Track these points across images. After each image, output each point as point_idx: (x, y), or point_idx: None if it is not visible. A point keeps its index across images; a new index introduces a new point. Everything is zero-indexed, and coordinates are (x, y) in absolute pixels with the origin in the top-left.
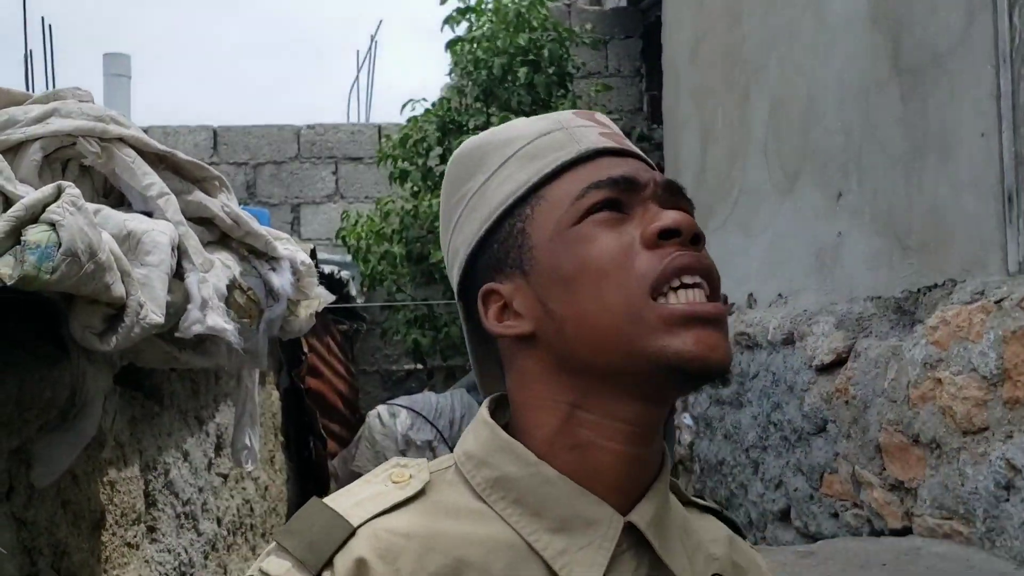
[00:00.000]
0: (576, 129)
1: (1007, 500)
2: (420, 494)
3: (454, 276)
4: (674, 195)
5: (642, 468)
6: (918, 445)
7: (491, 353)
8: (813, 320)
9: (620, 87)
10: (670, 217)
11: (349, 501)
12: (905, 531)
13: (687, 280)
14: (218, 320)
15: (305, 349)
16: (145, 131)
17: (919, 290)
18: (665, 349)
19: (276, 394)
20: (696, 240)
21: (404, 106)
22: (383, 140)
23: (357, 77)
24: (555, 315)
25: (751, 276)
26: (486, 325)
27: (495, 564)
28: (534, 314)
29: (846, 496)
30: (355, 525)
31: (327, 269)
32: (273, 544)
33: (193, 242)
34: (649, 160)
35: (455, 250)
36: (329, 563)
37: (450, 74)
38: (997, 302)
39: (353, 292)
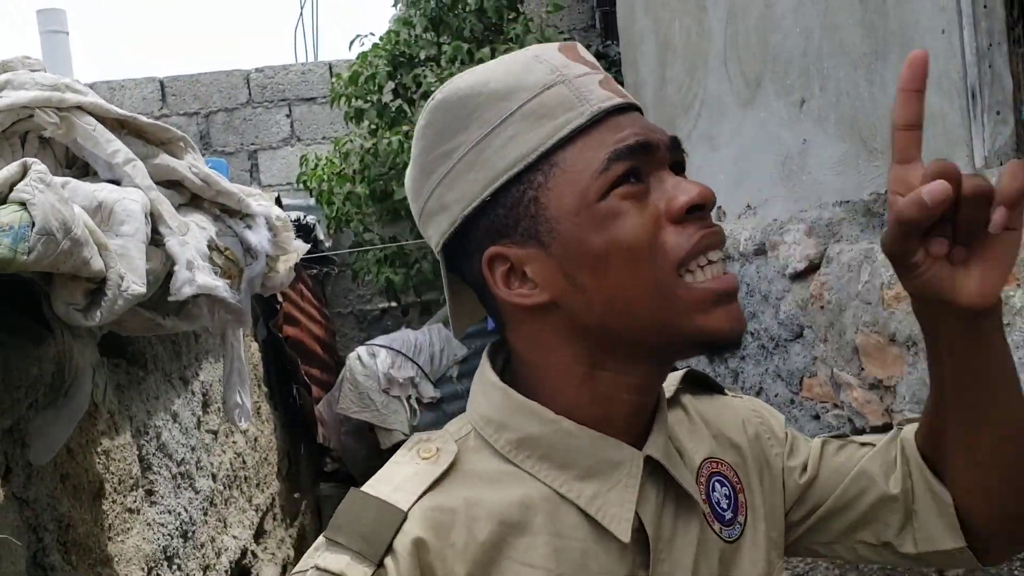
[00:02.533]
0: (578, 81)
1: None
2: (452, 466)
3: (440, 229)
4: (674, 150)
5: (649, 406)
6: (895, 344)
7: (467, 301)
8: (784, 229)
9: (571, 5)
10: (695, 191)
11: (388, 487)
12: (885, 427)
13: (712, 257)
14: (208, 279)
15: (279, 298)
16: (90, 88)
17: (887, 191)
18: (702, 328)
19: (255, 346)
20: (709, 210)
21: (352, 42)
22: (334, 79)
23: (301, 14)
24: (585, 289)
25: (719, 189)
26: (497, 292)
27: (535, 519)
28: (555, 285)
29: (826, 398)
30: (405, 509)
31: (293, 215)
32: (322, 540)
33: (166, 207)
34: (636, 103)
35: (443, 204)
36: (389, 550)
37: (396, 5)
38: None
39: (321, 236)
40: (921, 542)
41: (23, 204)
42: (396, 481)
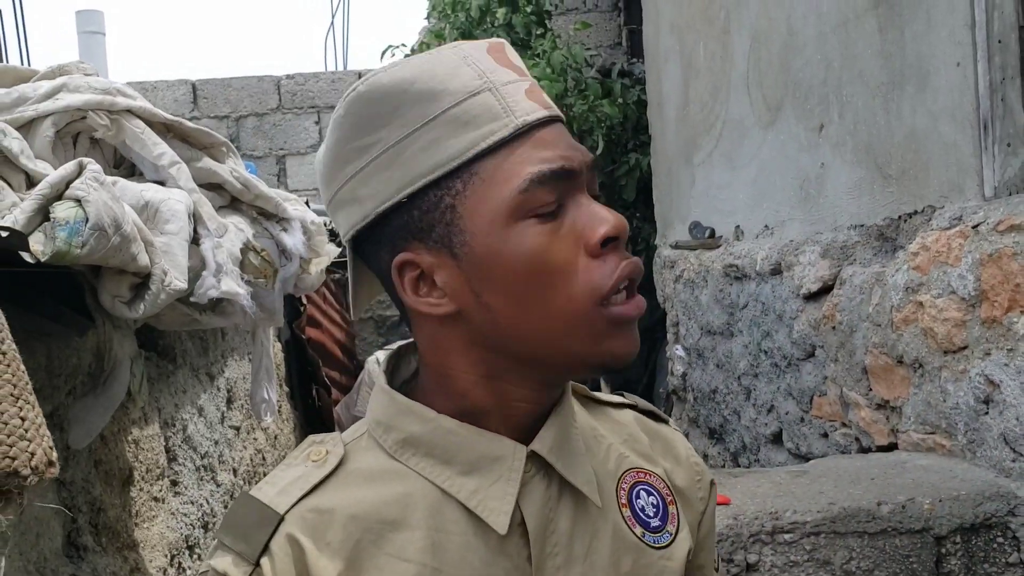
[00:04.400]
0: (505, 89)
1: (986, 413)
2: (338, 467)
3: (351, 220)
4: (594, 173)
5: (545, 405)
6: (902, 365)
7: (368, 284)
8: (799, 250)
9: (598, 22)
10: (611, 224)
11: (274, 489)
12: (891, 447)
13: (623, 286)
14: (232, 284)
15: (303, 300)
16: None
17: (900, 217)
18: (602, 354)
19: (279, 346)
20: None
21: (383, 53)
22: None
23: (332, 22)
24: (490, 307)
25: (737, 209)
26: (404, 298)
27: (414, 515)
28: (461, 297)
29: (835, 417)
30: (282, 512)
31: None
32: (216, 541)
33: (207, 208)
34: (559, 114)
35: (356, 197)
36: (265, 550)
37: (428, 17)
38: (974, 227)
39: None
40: None
41: (78, 201)
42: (282, 484)
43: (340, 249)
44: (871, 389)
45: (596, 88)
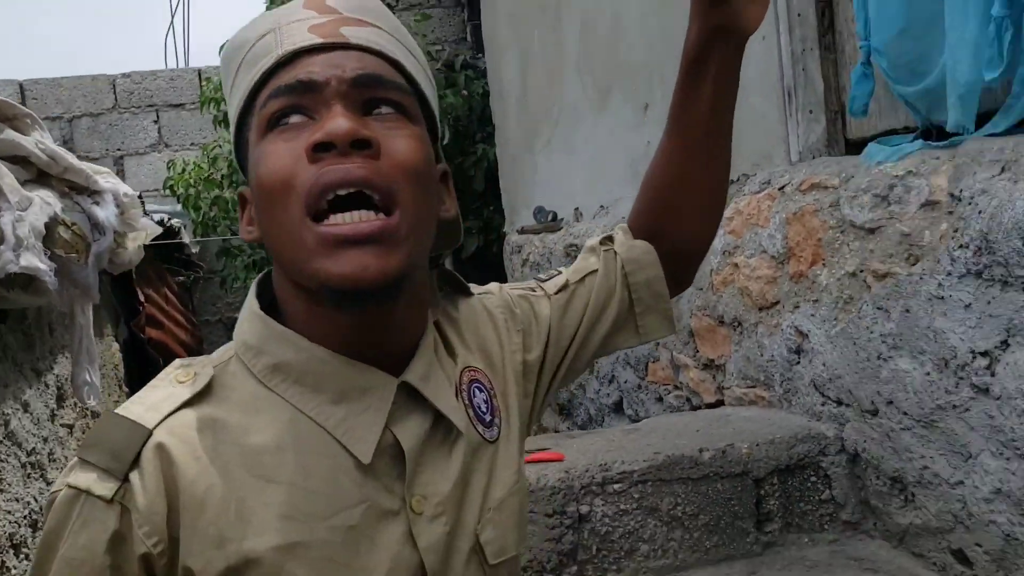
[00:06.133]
0: (288, 27)
1: (798, 363)
2: (207, 389)
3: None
4: (371, 87)
5: (401, 334)
6: (723, 325)
7: None
8: None
9: (443, 17)
10: (323, 129)
11: (141, 407)
12: (718, 404)
13: (342, 193)
14: (33, 259)
15: (142, 299)
16: None
17: None
18: (320, 272)
19: (116, 346)
20: (363, 145)
21: (222, 48)
22: (204, 84)
23: (172, 22)
24: (264, 231)
25: (576, 191)
26: (240, 229)
27: (284, 439)
28: (259, 224)
29: (668, 380)
30: (151, 427)
31: (157, 217)
32: (75, 460)
33: (8, 180)
34: (370, 46)
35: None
36: (134, 464)
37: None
38: (780, 188)
39: (187, 240)
40: (644, 335)
41: None
42: (149, 402)
43: (161, 230)
44: (698, 350)
45: (440, 80)
